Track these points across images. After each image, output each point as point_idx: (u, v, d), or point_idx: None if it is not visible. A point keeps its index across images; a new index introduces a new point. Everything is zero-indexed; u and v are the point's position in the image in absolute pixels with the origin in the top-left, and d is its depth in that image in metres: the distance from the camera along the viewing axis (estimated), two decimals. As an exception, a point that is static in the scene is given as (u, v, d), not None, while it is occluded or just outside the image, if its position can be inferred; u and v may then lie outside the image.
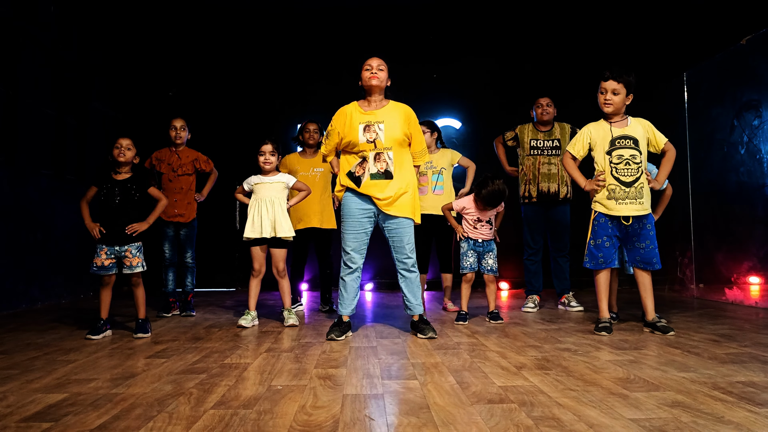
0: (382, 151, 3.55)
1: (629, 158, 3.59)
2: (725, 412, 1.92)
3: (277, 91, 7.41)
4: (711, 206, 5.69)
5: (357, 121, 3.59)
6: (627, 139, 3.64)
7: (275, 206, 4.05)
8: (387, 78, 3.64)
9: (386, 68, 3.63)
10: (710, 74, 5.76)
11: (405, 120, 3.63)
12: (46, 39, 5.73)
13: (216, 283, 7.11)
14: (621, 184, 3.59)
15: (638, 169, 3.59)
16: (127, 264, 3.71)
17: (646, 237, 3.61)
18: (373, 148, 3.55)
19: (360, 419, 1.90)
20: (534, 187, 4.88)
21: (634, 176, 3.58)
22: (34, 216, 5.40)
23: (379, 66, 3.59)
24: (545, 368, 2.62)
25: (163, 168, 4.72)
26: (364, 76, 3.59)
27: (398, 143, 3.58)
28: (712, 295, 5.57)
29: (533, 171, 4.88)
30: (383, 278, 7.08)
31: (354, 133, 3.57)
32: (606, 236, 3.66)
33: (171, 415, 1.96)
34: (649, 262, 3.62)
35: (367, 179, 3.56)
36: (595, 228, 3.69)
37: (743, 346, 3.09)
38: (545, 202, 4.87)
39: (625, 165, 3.59)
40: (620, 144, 3.63)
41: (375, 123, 3.56)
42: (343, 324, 3.61)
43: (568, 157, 3.84)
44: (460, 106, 7.40)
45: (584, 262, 3.75)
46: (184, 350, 3.17)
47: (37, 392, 2.28)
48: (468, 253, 4.23)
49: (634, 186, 3.58)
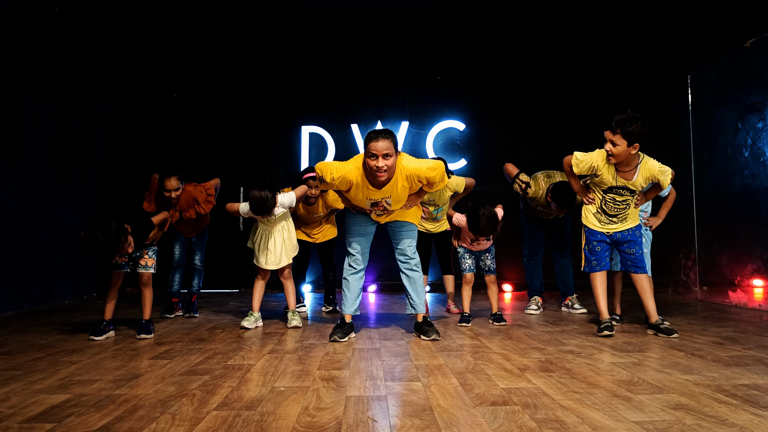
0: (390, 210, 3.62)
1: (620, 202, 3.72)
2: (729, 414, 1.91)
3: (280, 93, 7.42)
4: (715, 209, 5.68)
5: (365, 195, 3.45)
6: (625, 189, 3.68)
7: (281, 233, 4.12)
8: (395, 161, 3.28)
9: (393, 148, 3.24)
10: (714, 76, 5.75)
11: (413, 183, 3.43)
12: (50, 40, 5.74)
13: (219, 284, 7.12)
14: (606, 215, 3.76)
15: (626, 206, 3.72)
16: (143, 264, 3.80)
17: (635, 243, 3.74)
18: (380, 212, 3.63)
19: (363, 421, 1.90)
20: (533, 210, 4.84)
21: (621, 211, 3.73)
22: (37, 217, 5.41)
23: (386, 153, 3.20)
24: (548, 370, 2.61)
25: None
26: (371, 165, 3.24)
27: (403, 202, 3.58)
28: (716, 297, 5.56)
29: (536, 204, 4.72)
30: (386, 280, 7.08)
31: (361, 203, 3.53)
32: (596, 241, 3.78)
33: (174, 416, 1.96)
34: (640, 266, 3.73)
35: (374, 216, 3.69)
36: (587, 234, 3.84)
37: (747, 349, 3.08)
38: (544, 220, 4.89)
39: (614, 204, 3.73)
40: (617, 192, 3.70)
41: (383, 199, 3.46)
42: (346, 325, 3.61)
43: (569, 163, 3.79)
44: (464, 108, 7.40)
45: (583, 267, 3.87)
46: (188, 351, 3.17)
47: (40, 393, 2.28)
48: (465, 256, 4.27)
49: (617, 216, 3.75)
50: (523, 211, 4.97)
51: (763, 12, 5.60)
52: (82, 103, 6.35)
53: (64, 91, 5.98)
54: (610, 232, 3.76)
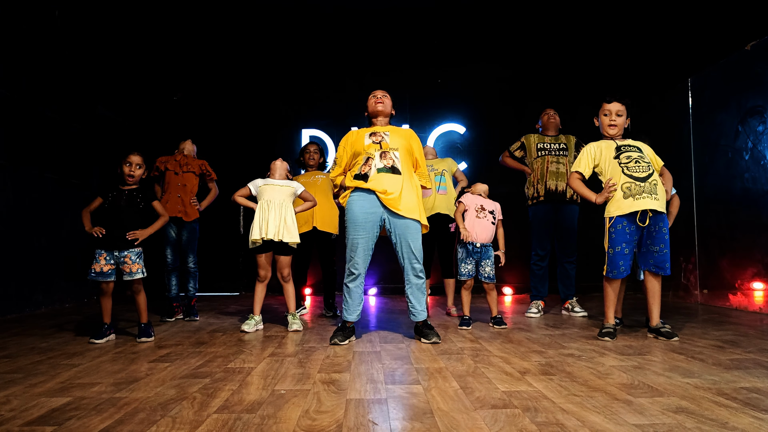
0: (388, 150, 3.63)
1: (638, 158, 3.61)
2: (729, 418, 1.91)
3: (282, 97, 7.44)
4: (715, 212, 5.68)
5: (363, 132, 3.77)
6: (630, 146, 3.68)
7: (282, 210, 4.03)
8: (391, 107, 3.88)
9: (390, 97, 3.88)
10: (715, 80, 5.76)
11: (409, 138, 3.78)
12: (51, 43, 5.76)
13: (220, 287, 7.12)
14: (635, 180, 3.55)
15: (649, 166, 3.59)
16: (127, 270, 3.67)
17: (661, 240, 3.55)
18: (378, 148, 3.63)
19: (363, 424, 1.90)
20: (542, 186, 4.89)
21: (647, 172, 3.56)
22: (37, 220, 5.42)
23: (384, 94, 3.85)
24: (549, 374, 2.61)
25: (169, 166, 4.74)
26: (370, 102, 3.86)
27: (404, 149, 3.68)
28: (716, 301, 5.55)
29: (542, 170, 4.92)
30: (387, 283, 7.08)
31: (360, 141, 3.70)
32: (624, 242, 3.57)
33: (174, 420, 1.96)
34: (662, 267, 3.56)
35: (374, 173, 3.58)
36: (612, 236, 3.61)
37: (747, 352, 3.08)
38: (553, 200, 4.87)
39: (635, 163, 3.59)
40: (625, 149, 3.67)
41: (381, 132, 3.72)
42: (346, 329, 3.61)
43: (576, 177, 3.79)
44: (464, 112, 7.42)
45: (606, 272, 3.63)
46: (188, 355, 3.17)
47: (40, 396, 2.28)
48: (466, 261, 4.20)
49: (648, 181, 3.54)
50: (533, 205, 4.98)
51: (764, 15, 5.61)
52: (83, 105, 6.36)
53: (65, 94, 5.99)
54: (646, 209, 3.50)
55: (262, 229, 3.98)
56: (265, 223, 3.98)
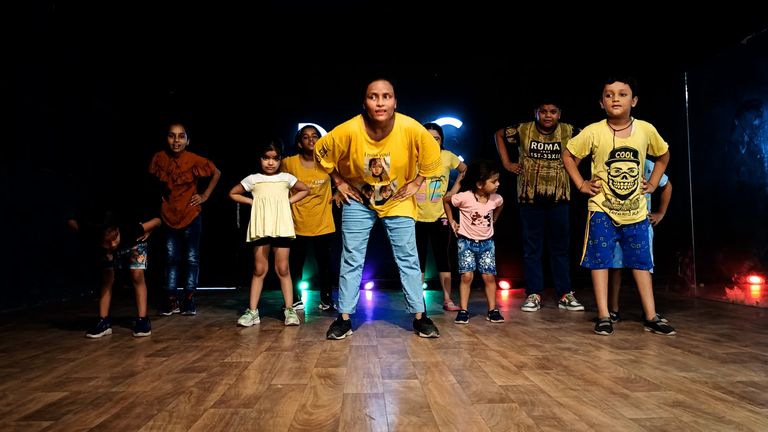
0: (388, 183, 3.58)
1: (627, 171, 3.63)
2: (726, 411, 1.92)
3: (277, 90, 7.40)
4: (712, 206, 5.69)
5: (363, 151, 3.43)
6: (627, 151, 3.64)
7: (278, 205, 4.06)
8: (394, 103, 3.31)
9: (393, 91, 3.29)
10: (711, 74, 5.76)
11: (411, 145, 3.47)
12: (47, 38, 5.72)
13: (217, 281, 7.11)
14: (616, 196, 3.66)
15: (634, 181, 3.64)
16: (133, 260, 3.77)
17: (642, 237, 3.66)
18: (379, 181, 3.55)
19: (360, 418, 1.90)
20: (531, 189, 4.88)
21: (630, 189, 3.63)
22: (34, 214, 5.40)
23: (386, 93, 3.25)
24: (546, 367, 2.62)
25: (162, 177, 4.69)
26: (370, 106, 3.27)
27: (403, 172, 3.60)
28: (713, 294, 5.57)
29: (531, 173, 4.88)
30: (384, 277, 7.08)
31: (360, 162, 3.46)
32: (603, 236, 3.69)
33: (171, 414, 1.95)
34: (645, 262, 3.65)
35: (373, 204, 3.65)
36: (593, 228, 3.74)
37: (744, 346, 3.09)
38: (542, 203, 4.89)
39: (621, 178, 3.64)
40: (620, 156, 3.65)
41: (381, 156, 3.44)
42: (343, 323, 3.61)
43: (568, 155, 3.88)
44: (461, 106, 7.40)
45: (582, 262, 3.79)
46: (185, 349, 3.17)
47: (36, 391, 2.28)
48: (465, 253, 4.22)
49: (629, 198, 3.64)
50: (523, 205, 4.97)
51: (760, 9, 5.61)
52: (80, 100, 6.33)
53: (62, 88, 5.96)
54: (620, 223, 3.65)
55: (259, 227, 4.02)
56: (262, 221, 4.02)
